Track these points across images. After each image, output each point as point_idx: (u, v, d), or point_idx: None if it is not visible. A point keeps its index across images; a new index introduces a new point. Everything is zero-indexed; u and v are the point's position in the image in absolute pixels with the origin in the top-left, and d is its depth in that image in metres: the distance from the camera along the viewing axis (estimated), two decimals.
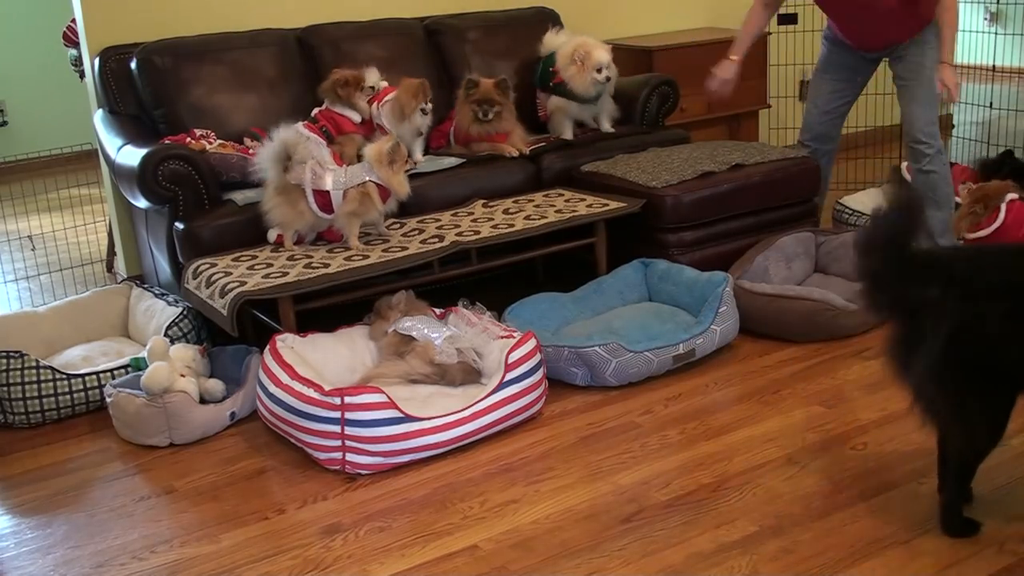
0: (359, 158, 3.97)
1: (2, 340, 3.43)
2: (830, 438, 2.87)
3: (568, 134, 4.32)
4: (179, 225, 3.52)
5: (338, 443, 2.78)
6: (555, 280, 3.89)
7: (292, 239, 3.45)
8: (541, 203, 3.80)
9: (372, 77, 3.96)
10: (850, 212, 4.32)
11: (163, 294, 3.68)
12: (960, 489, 2.38)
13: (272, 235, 3.48)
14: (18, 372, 3.16)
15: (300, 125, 3.67)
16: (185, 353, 3.19)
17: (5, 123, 7.35)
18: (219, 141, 3.79)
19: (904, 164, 4.52)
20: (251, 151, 3.78)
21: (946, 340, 2.19)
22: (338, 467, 2.81)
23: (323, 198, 3.38)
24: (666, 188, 3.76)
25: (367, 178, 3.39)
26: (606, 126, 4.41)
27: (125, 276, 4.24)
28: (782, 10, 5.44)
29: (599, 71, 4.21)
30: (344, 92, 3.84)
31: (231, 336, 3.16)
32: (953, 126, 6.72)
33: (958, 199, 4.21)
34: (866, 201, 4.46)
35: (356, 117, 3.87)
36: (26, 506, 2.78)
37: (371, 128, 3.93)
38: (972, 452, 2.33)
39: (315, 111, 3.87)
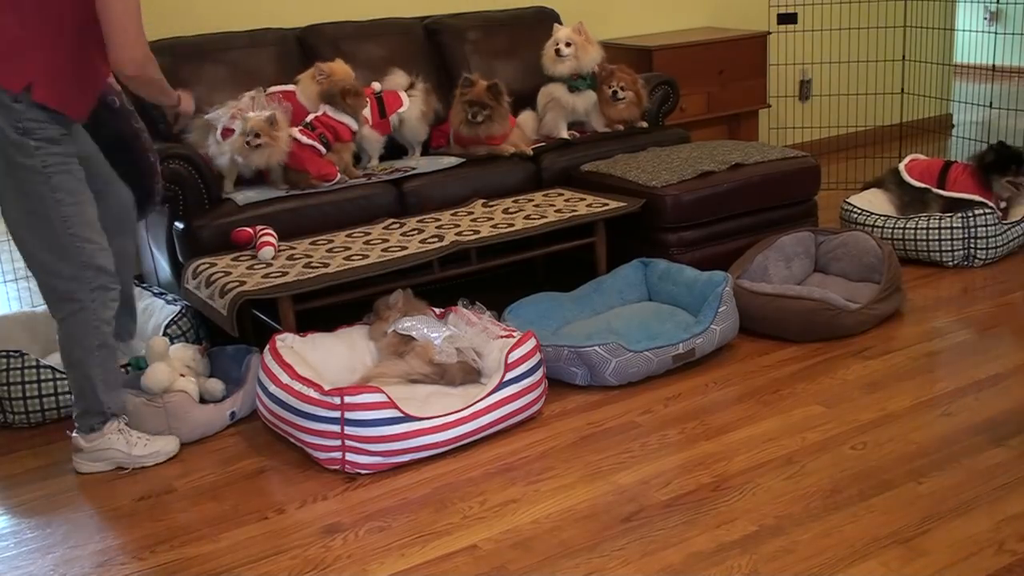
0: (357, 159, 3.98)
1: (2, 340, 3.43)
2: (830, 438, 2.87)
3: (563, 132, 4.32)
4: (179, 225, 3.52)
5: (338, 443, 2.78)
6: (555, 280, 3.89)
7: None
8: (541, 203, 3.80)
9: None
10: (859, 211, 4.31)
11: (161, 293, 3.67)
12: None
13: None
14: (18, 372, 3.16)
15: (297, 131, 3.69)
16: (185, 352, 3.19)
17: None
18: None
19: (903, 163, 4.51)
20: None
21: None
22: (338, 467, 2.81)
23: None
24: (666, 188, 3.76)
25: None
26: (599, 126, 4.41)
27: None
28: (782, 9, 5.47)
29: (562, 44, 4.30)
30: (353, 102, 3.82)
31: (231, 336, 3.16)
32: (953, 126, 6.72)
33: (971, 196, 4.20)
34: (873, 200, 4.44)
35: (354, 126, 3.85)
36: (26, 506, 2.78)
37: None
38: None
39: (310, 117, 3.80)
